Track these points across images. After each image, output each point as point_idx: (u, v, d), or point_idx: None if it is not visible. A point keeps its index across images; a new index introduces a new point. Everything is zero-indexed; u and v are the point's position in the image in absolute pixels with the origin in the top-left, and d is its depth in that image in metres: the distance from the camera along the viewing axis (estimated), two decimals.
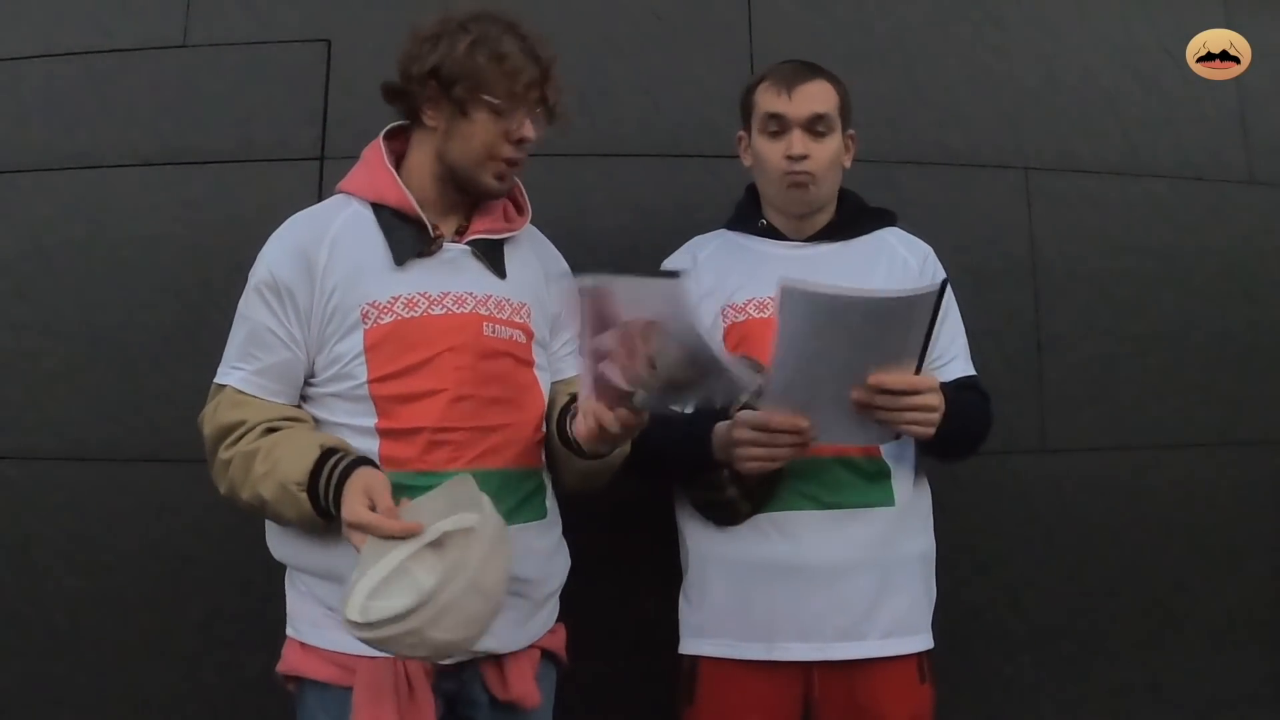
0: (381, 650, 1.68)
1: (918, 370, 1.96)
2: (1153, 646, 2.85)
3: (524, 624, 1.98)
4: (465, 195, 2.04)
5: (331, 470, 1.79)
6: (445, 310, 1.95)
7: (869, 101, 2.74)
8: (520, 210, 2.15)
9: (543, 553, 2.02)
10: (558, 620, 2.11)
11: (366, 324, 1.92)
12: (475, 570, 1.61)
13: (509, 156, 1.99)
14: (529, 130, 1.98)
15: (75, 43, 2.81)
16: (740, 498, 2.13)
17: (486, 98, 1.94)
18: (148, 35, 2.82)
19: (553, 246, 2.22)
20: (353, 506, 1.72)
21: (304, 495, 1.79)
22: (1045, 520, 2.83)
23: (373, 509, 1.70)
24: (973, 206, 2.90)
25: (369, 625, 1.62)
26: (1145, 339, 2.93)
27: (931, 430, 2.02)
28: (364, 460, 1.83)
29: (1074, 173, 2.97)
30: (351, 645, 1.81)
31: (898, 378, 1.94)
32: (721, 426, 2.10)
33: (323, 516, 1.81)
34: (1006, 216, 2.92)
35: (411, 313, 1.93)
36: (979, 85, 2.98)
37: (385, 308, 1.92)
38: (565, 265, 2.19)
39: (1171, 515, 2.88)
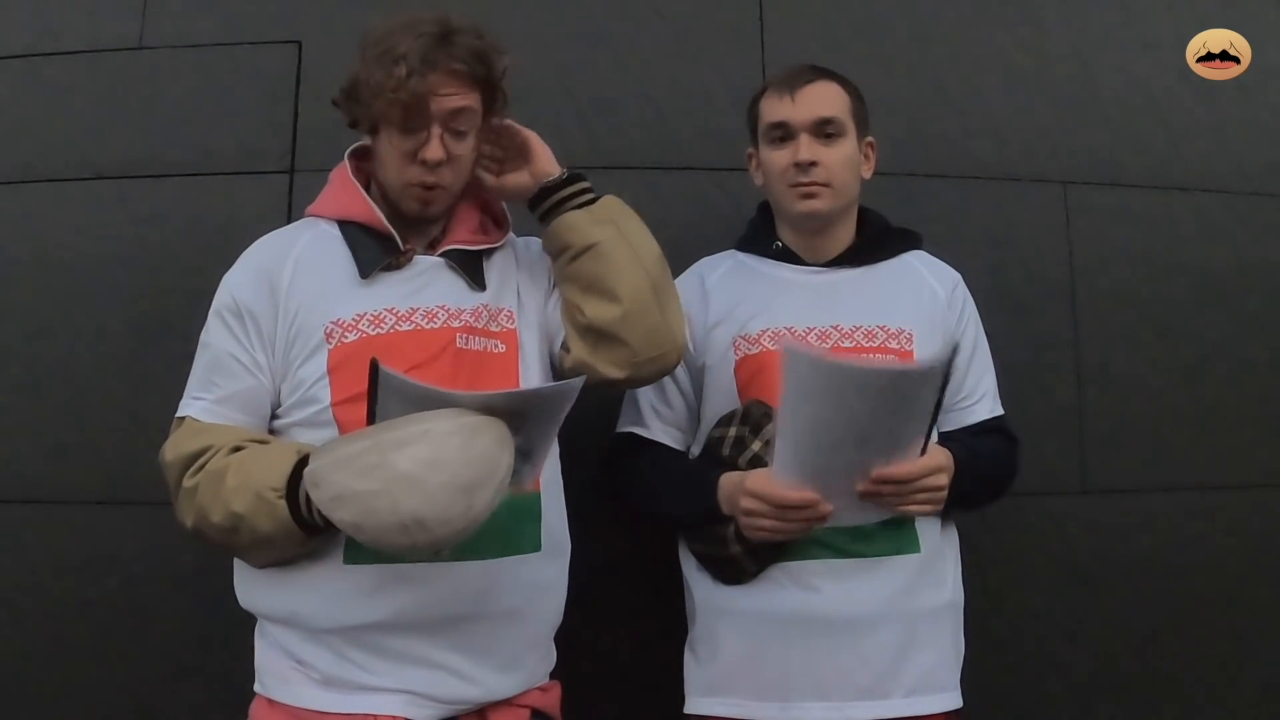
0: (335, 516, 1.76)
1: (927, 436, 2.08)
2: (1206, 709, 2.90)
3: (510, 665, 2.05)
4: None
5: None
6: (414, 326, 2.05)
7: (891, 108, 2.87)
8: (499, 224, 2.26)
9: (531, 586, 2.07)
10: (551, 676, 2.19)
11: (331, 344, 2.03)
12: (437, 440, 1.71)
13: (418, 180, 2.07)
14: (434, 151, 2.03)
15: (18, 44, 2.89)
16: (744, 555, 2.22)
17: (382, 120, 2.04)
18: (99, 36, 2.90)
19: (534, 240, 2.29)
20: None
21: (281, 502, 1.85)
22: (1085, 568, 2.88)
23: None
24: (1005, 224, 2.98)
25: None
26: (1196, 369, 2.99)
27: (939, 506, 2.18)
28: None
29: (1117, 187, 3.04)
30: (320, 702, 1.95)
31: (903, 468, 2.08)
32: (730, 479, 2.21)
33: (303, 528, 1.86)
34: (1043, 235, 2.99)
35: (378, 329, 2.04)
36: (1012, 90, 3.06)
37: (350, 326, 2.04)
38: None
39: (1225, 563, 2.93)
